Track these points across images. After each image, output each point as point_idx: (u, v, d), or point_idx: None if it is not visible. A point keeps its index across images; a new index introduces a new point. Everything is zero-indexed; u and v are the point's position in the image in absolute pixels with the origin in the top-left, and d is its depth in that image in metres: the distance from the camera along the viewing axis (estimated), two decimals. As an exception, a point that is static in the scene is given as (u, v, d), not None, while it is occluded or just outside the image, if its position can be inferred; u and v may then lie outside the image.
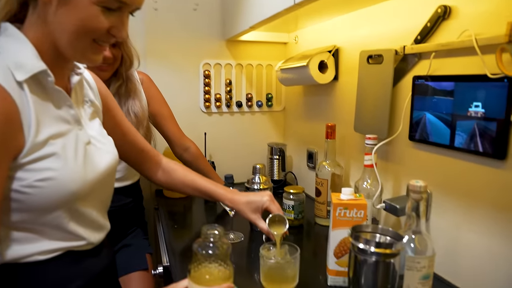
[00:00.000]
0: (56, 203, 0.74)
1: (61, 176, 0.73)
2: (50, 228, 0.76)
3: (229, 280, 0.74)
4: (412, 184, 0.81)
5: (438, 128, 1.03)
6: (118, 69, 1.42)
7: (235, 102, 2.02)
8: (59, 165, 0.73)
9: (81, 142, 0.81)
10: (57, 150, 0.74)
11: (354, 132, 1.42)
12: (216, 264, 0.73)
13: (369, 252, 0.75)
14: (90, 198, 0.83)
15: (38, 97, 0.73)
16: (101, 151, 0.87)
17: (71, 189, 0.75)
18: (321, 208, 1.43)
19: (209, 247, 0.73)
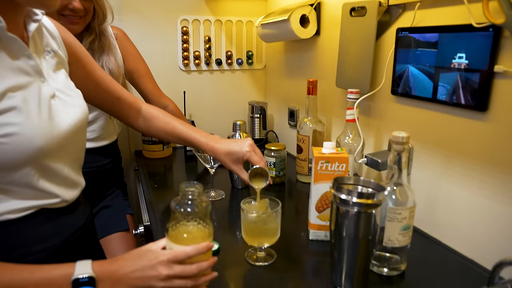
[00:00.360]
0: (22, 160, 0.70)
1: (24, 131, 0.69)
2: (19, 187, 0.72)
3: (208, 239, 0.72)
4: (394, 135, 0.80)
5: (421, 81, 1.02)
6: (90, 23, 1.35)
7: (215, 60, 1.96)
8: (21, 119, 0.69)
9: (44, 96, 0.76)
10: (17, 104, 0.69)
11: (336, 88, 1.40)
12: (194, 223, 0.71)
13: (350, 202, 0.75)
14: (60, 154, 0.79)
15: None
16: (67, 104, 0.82)
17: (36, 144, 0.71)
18: (302, 165, 1.42)
19: (188, 205, 0.71)
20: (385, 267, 0.88)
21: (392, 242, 0.85)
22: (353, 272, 0.80)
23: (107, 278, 0.67)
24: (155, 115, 1.13)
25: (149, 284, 0.67)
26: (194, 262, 0.69)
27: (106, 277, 0.67)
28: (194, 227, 0.71)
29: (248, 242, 0.91)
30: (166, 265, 0.68)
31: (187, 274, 0.68)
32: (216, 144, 1.07)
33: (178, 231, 0.71)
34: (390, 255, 0.88)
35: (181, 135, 1.11)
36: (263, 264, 0.91)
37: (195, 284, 0.70)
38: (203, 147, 1.09)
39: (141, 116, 1.13)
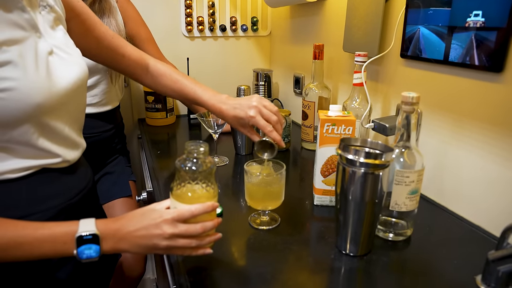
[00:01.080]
0: (20, 117, 0.68)
1: (21, 86, 0.66)
2: (19, 145, 0.71)
3: (213, 199, 0.70)
4: (404, 95, 0.77)
5: (432, 43, 0.97)
6: None
7: (219, 26, 1.91)
8: (18, 74, 0.66)
9: (41, 52, 0.73)
10: (13, 58, 0.66)
11: (342, 53, 1.36)
12: (199, 182, 0.69)
13: (357, 163, 0.72)
14: (60, 113, 0.76)
15: None
16: (66, 62, 0.79)
17: (35, 101, 0.68)
18: (308, 132, 1.40)
19: (193, 163, 0.69)
20: (391, 233, 0.86)
21: (399, 206, 0.83)
22: (358, 236, 0.78)
23: (111, 236, 0.66)
24: (162, 72, 1.08)
25: (153, 242, 0.66)
26: (198, 222, 0.68)
27: (109, 235, 0.66)
28: (198, 187, 0.69)
29: (251, 206, 0.89)
30: (171, 224, 0.66)
31: (192, 233, 0.66)
32: (224, 105, 1.01)
33: (182, 190, 0.69)
34: (396, 220, 0.86)
35: (189, 95, 1.06)
36: (267, 228, 0.89)
37: (199, 244, 0.68)
38: (211, 109, 1.04)
39: (149, 73, 1.09)
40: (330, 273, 0.76)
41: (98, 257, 0.65)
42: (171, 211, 0.67)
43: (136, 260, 1.36)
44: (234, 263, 0.78)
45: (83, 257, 0.64)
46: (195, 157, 0.69)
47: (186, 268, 0.76)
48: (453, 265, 0.78)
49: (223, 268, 0.77)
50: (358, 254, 0.80)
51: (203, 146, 0.69)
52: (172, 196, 0.70)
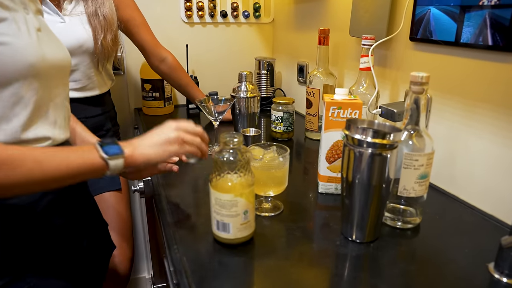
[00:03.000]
0: (13, 74, 0.69)
1: (16, 43, 0.69)
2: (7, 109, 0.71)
3: (250, 187, 0.75)
4: (413, 75, 0.77)
5: (444, 24, 0.97)
6: None
7: (219, 12, 1.91)
8: (13, 31, 0.69)
9: (31, 25, 0.75)
10: (8, 17, 0.69)
11: (349, 39, 1.35)
12: (237, 172, 0.74)
13: (364, 143, 0.72)
14: (49, 85, 0.78)
15: None
16: (53, 42, 0.82)
17: (28, 60, 0.71)
18: (312, 121, 1.39)
19: (230, 153, 0.74)
20: (399, 220, 0.86)
21: (408, 191, 0.82)
22: (365, 221, 0.78)
23: (127, 144, 0.76)
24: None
25: (164, 136, 0.78)
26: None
27: (126, 145, 0.76)
28: (236, 176, 0.74)
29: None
30: (174, 122, 0.82)
31: (193, 130, 0.84)
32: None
33: (221, 181, 0.74)
34: (405, 207, 0.86)
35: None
36: (269, 215, 0.89)
37: (201, 142, 0.85)
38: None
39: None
40: (335, 259, 0.76)
41: (122, 154, 0.73)
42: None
43: (123, 260, 1.36)
44: (236, 250, 0.78)
45: (109, 153, 0.71)
46: (231, 147, 0.74)
47: (186, 257, 0.76)
48: (464, 254, 0.77)
49: (225, 255, 0.76)
50: (365, 240, 0.80)
51: (237, 137, 0.74)
52: (212, 187, 0.75)
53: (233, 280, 0.69)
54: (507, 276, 0.69)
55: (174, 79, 1.56)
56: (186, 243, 0.80)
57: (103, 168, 0.71)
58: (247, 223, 0.76)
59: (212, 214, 0.77)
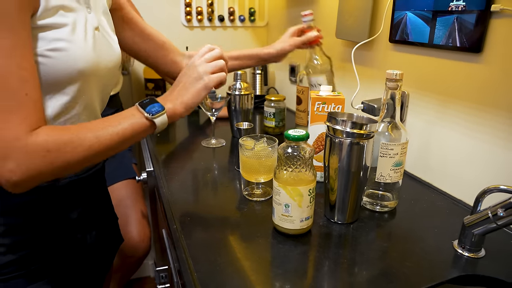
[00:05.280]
0: (63, 78, 0.70)
1: (71, 49, 0.70)
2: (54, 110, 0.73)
3: (313, 182, 0.77)
4: (388, 73, 0.82)
5: (418, 27, 1.02)
6: None
7: (217, 16, 1.96)
8: (71, 38, 0.70)
9: (90, 25, 0.76)
10: (68, 22, 0.70)
11: (336, 40, 1.41)
12: (299, 167, 0.77)
13: (344, 133, 0.77)
14: (95, 85, 0.80)
15: None
16: (108, 42, 0.83)
17: (80, 66, 0.72)
18: (302, 116, 1.45)
19: (294, 149, 0.77)
20: (378, 205, 0.91)
21: (384, 178, 0.88)
22: (346, 205, 0.84)
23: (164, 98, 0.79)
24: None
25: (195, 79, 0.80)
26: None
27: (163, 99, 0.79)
28: (299, 171, 0.77)
29: (245, 177, 0.94)
30: (195, 59, 0.83)
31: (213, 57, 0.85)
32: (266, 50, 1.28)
33: (286, 175, 0.77)
34: (383, 193, 0.91)
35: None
36: (259, 200, 0.95)
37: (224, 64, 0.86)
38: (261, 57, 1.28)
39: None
40: (319, 238, 0.81)
41: (164, 110, 0.75)
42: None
43: (142, 239, 1.41)
44: (228, 230, 0.83)
45: (153, 112, 0.73)
46: (295, 144, 0.77)
47: (185, 238, 0.81)
48: (433, 233, 0.83)
49: (217, 235, 0.82)
50: (345, 222, 0.85)
51: (302, 132, 0.77)
52: (276, 179, 0.78)
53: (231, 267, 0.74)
54: (468, 251, 0.75)
55: (175, 79, 1.61)
56: (188, 232, 0.85)
57: (152, 127, 0.75)
58: (288, 216, 0.78)
59: None
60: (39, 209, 0.80)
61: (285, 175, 0.76)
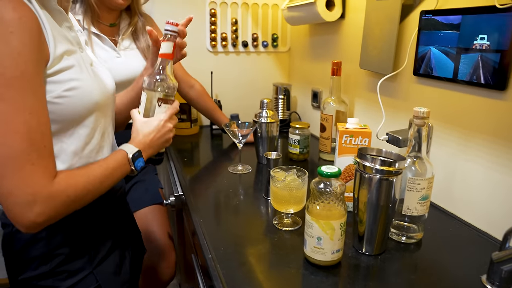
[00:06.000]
0: (83, 112, 0.80)
1: (83, 86, 0.79)
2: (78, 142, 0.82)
3: (343, 217, 0.80)
4: (415, 110, 0.85)
5: (443, 62, 1.06)
6: (131, 5, 1.44)
7: (241, 42, 2.02)
8: (80, 76, 0.78)
9: (86, 63, 0.85)
10: (74, 63, 0.78)
11: (359, 70, 1.44)
12: (331, 202, 0.80)
13: (373, 170, 0.81)
14: (106, 113, 0.90)
15: (45, 15, 0.75)
16: (102, 73, 0.93)
17: (94, 98, 0.81)
18: (325, 144, 1.48)
19: (326, 185, 0.80)
20: (404, 236, 0.94)
21: (411, 211, 0.90)
22: (374, 236, 0.86)
23: (143, 147, 0.91)
24: None
25: (165, 138, 0.96)
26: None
27: (142, 148, 0.91)
28: (331, 205, 0.80)
29: (276, 208, 0.98)
30: (169, 120, 0.97)
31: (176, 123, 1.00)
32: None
33: (318, 208, 0.80)
34: (408, 224, 0.94)
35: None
36: (289, 229, 0.98)
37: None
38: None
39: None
40: (348, 269, 0.84)
41: (145, 165, 0.92)
42: (162, 113, 0.96)
43: (168, 264, 1.44)
44: (261, 260, 0.87)
45: (138, 168, 0.88)
46: (327, 180, 0.80)
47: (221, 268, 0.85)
48: (460, 266, 0.85)
49: (251, 264, 0.85)
50: (373, 253, 0.88)
51: (335, 169, 0.81)
52: (308, 213, 0.82)
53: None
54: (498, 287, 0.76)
55: (201, 104, 1.66)
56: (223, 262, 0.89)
57: (131, 173, 0.89)
58: (320, 249, 0.81)
59: None
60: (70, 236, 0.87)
61: (317, 209, 0.79)
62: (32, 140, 0.69)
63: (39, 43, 0.70)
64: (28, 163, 0.68)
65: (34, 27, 0.69)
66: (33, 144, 0.69)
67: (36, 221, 0.69)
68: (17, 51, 0.66)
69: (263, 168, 1.41)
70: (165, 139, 0.96)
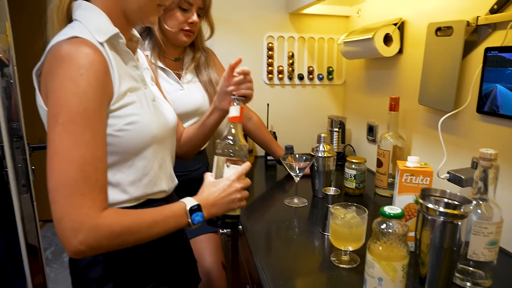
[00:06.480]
0: (141, 145, 0.86)
1: (143, 120, 0.85)
2: (139, 174, 0.87)
3: (405, 259, 0.79)
4: (482, 152, 0.83)
5: (510, 100, 1.02)
6: (195, 41, 1.52)
7: (297, 75, 2.05)
8: (140, 111, 0.85)
9: (149, 98, 0.92)
10: (135, 100, 0.85)
11: (418, 106, 1.42)
12: (393, 242, 0.79)
13: (437, 212, 0.78)
14: (164, 146, 0.95)
15: (114, 56, 0.84)
16: (164, 108, 0.99)
17: (152, 132, 0.87)
18: (382, 179, 1.46)
19: (388, 226, 0.80)
20: (469, 281, 0.89)
21: (477, 256, 0.87)
22: (436, 280, 0.83)
23: (205, 204, 0.90)
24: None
25: (231, 198, 0.94)
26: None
27: (204, 204, 0.90)
28: (393, 247, 0.79)
29: (334, 244, 0.97)
30: (237, 181, 0.95)
31: (248, 185, 0.98)
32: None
33: (379, 249, 0.80)
34: (474, 269, 0.89)
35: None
36: (347, 267, 0.96)
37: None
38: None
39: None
40: (409, 313, 0.81)
41: (203, 221, 0.89)
42: (231, 173, 0.95)
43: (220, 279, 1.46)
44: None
45: (195, 222, 0.87)
46: (390, 221, 0.80)
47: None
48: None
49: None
50: (436, 298, 0.84)
51: (398, 209, 0.81)
52: (370, 252, 0.82)
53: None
54: None
55: (258, 136, 1.69)
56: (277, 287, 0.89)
57: (188, 226, 0.89)
58: None
59: None
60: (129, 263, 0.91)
61: (379, 250, 0.78)
62: (85, 172, 0.74)
63: (104, 84, 0.78)
64: (78, 193, 0.73)
65: (102, 69, 0.77)
66: (85, 176, 0.74)
67: (78, 248, 0.73)
68: (83, 90, 0.74)
69: (319, 202, 1.41)
70: (231, 199, 0.94)
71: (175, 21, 1.41)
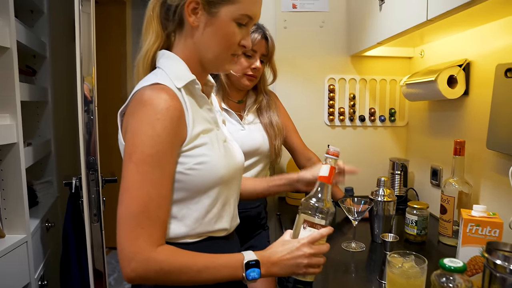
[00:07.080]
0: (209, 184, 0.88)
1: (212, 161, 0.88)
2: (204, 211, 0.89)
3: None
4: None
5: None
6: (258, 85, 1.58)
7: (358, 116, 2.03)
8: (210, 152, 0.88)
9: (220, 139, 0.95)
10: (207, 141, 0.89)
11: (485, 150, 1.34)
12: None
13: (507, 270, 0.72)
14: (231, 186, 0.96)
15: (190, 100, 0.89)
16: (233, 149, 1.02)
17: (219, 172, 0.89)
18: (446, 226, 1.37)
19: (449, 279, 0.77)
20: None
21: (553, 318, 0.78)
22: None
23: (265, 262, 0.86)
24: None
25: (297, 262, 0.87)
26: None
27: (264, 261, 0.85)
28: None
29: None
30: (308, 246, 0.87)
31: (322, 252, 0.89)
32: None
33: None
34: (550, 333, 0.80)
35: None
36: (405, 320, 0.91)
37: (323, 261, 0.90)
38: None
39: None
40: None
41: (259, 278, 0.84)
42: (305, 236, 0.89)
43: None
44: None
45: (249, 278, 0.83)
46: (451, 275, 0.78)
47: None
48: None
49: None
50: None
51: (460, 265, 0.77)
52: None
53: None
54: None
55: (317, 177, 1.68)
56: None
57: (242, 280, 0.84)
58: None
59: None
60: None
61: None
62: (148, 208, 0.79)
63: (178, 128, 0.83)
64: (138, 226, 0.78)
65: (177, 114, 0.82)
66: (147, 211, 0.79)
67: (130, 274, 0.78)
68: (158, 133, 0.80)
69: (377, 247, 1.35)
70: (296, 263, 0.87)
71: (239, 66, 1.47)
